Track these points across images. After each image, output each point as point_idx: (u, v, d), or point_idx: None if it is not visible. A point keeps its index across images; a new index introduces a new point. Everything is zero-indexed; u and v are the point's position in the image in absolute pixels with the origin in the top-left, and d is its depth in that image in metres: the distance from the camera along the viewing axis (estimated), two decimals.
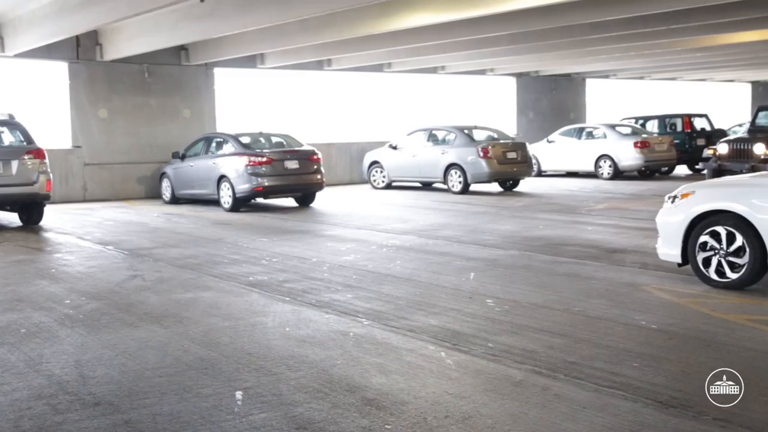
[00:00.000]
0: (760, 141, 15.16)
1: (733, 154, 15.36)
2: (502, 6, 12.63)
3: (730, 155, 15.38)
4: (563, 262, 8.49)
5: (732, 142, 15.71)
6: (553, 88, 27.51)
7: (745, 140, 15.66)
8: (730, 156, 15.35)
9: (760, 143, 15.05)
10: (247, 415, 4.03)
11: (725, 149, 15.56)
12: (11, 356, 5.15)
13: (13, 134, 12.80)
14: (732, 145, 15.52)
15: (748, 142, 15.39)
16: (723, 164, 15.43)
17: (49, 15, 13.85)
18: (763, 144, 15.00)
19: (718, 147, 15.73)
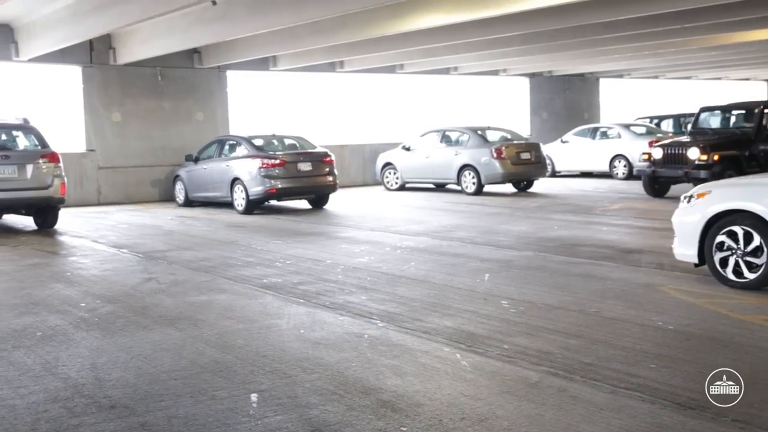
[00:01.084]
0: (694, 145, 14.16)
1: (667, 159, 14.54)
2: (514, 6, 12.60)
3: (665, 160, 14.58)
4: (578, 263, 8.44)
5: (666, 146, 14.78)
6: (567, 88, 27.42)
7: (679, 144, 14.69)
8: (665, 161, 14.57)
9: (694, 147, 14.06)
10: (263, 417, 4.03)
11: (659, 154, 14.70)
12: (28, 359, 5.17)
13: (27, 138, 12.88)
14: (666, 150, 14.62)
15: (683, 147, 14.42)
16: (657, 170, 14.72)
17: (62, 19, 13.94)
18: (698, 148, 14.00)
19: (652, 151, 14.95)
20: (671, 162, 14.45)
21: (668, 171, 14.53)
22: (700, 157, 13.83)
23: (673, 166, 14.42)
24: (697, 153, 13.91)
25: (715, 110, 16.17)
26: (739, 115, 15.54)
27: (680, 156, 14.31)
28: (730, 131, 15.13)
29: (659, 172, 14.72)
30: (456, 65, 22.97)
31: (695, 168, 13.84)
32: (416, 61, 20.99)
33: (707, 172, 13.48)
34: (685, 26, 15.68)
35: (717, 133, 15.18)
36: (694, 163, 13.88)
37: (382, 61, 20.17)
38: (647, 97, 30.13)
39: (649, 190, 15.13)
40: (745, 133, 14.55)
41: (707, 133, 15.15)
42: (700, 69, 27.74)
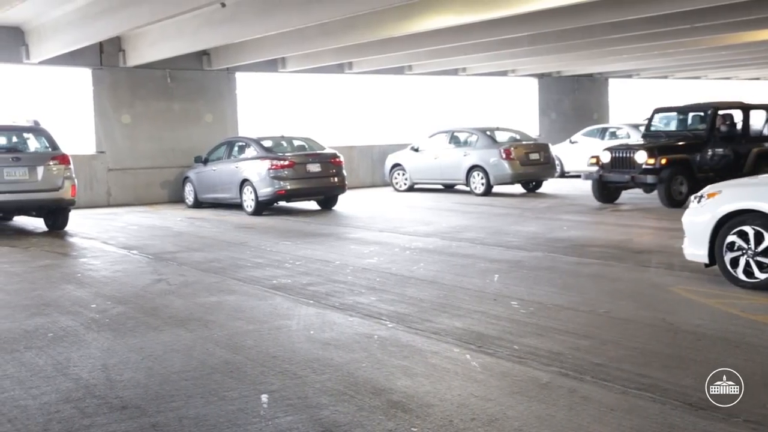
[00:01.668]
0: (642, 149, 13.56)
1: (615, 163, 13.84)
2: (522, 7, 12.58)
3: (612, 164, 13.87)
4: (588, 264, 8.43)
5: (614, 149, 14.12)
6: (576, 89, 27.36)
7: (627, 148, 14.06)
8: (613, 165, 13.87)
9: (641, 151, 13.44)
10: (273, 418, 4.03)
11: (607, 158, 13.98)
12: (39, 360, 5.19)
13: (38, 140, 12.94)
14: (614, 154, 13.93)
15: (630, 150, 13.74)
16: (604, 175, 14.03)
17: (72, 22, 14.00)
18: (645, 152, 13.36)
19: (600, 155, 14.21)
20: (619, 166, 13.78)
21: (615, 176, 13.85)
22: (647, 161, 13.20)
23: (620, 170, 13.74)
24: (644, 157, 13.30)
25: (670, 111, 15.60)
26: (694, 117, 14.88)
27: (628, 160, 13.64)
28: (683, 134, 14.46)
29: (606, 177, 14.04)
30: (464, 66, 22.95)
31: (642, 172, 13.28)
32: (425, 62, 20.98)
33: (654, 177, 13.11)
34: (694, 26, 15.61)
35: (669, 135, 14.55)
36: (641, 167, 13.28)
37: (390, 63, 20.18)
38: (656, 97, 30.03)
39: (598, 196, 14.41)
40: (698, 135, 14.00)
41: (660, 136, 14.54)
42: (709, 69, 27.63)
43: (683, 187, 13.27)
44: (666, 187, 13.13)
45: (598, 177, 14.17)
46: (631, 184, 13.75)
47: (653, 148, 13.43)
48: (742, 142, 14.06)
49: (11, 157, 12.12)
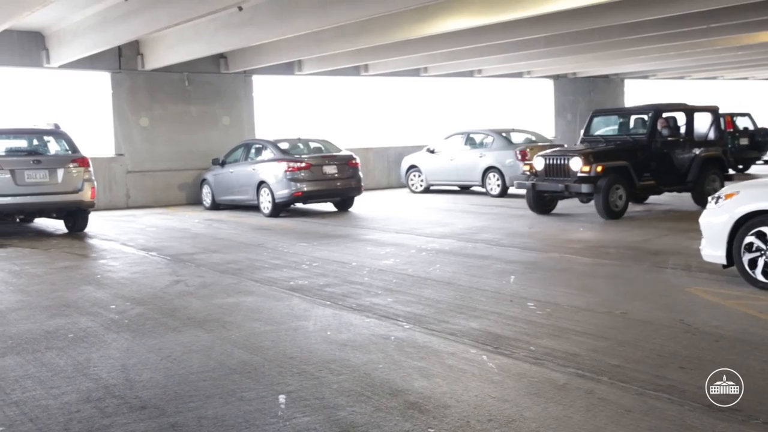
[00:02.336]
0: (577, 155, 12.35)
1: (549, 170, 12.75)
2: (538, 8, 12.57)
3: (547, 172, 12.78)
4: (604, 265, 8.41)
5: (548, 156, 12.94)
6: (591, 90, 27.26)
7: (562, 154, 12.87)
8: (547, 173, 12.77)
9: (576, 157, 12.27)
10: (291, 418, 4.06)
11: (541, 165, 12.89)
12: (60, 360, 5.25)
13: (58, 143, 13.09)
14: (548, 160, 12.80)
15: (565, 157, 12.59)
16: (538, 183, 12.92)
17: (92, 26, 14.14)
18: (580, 158, 12.20)
19: (534, 162, 13.10)
20: (553, 174, 12.68)
21: (549, 185, 12.73)
22: (583, 169, 12.08)
23: (555, 179, 12.64)
24: (579, 164, 12.16)
25: (609, 114, 14.71)
26: (635, 120, 13.78)
27: (562, 167, 12.51)
28: (622, 138, 13.38)
29: (540, 186, 12.91)
30: (480, 68, 22.93)
31: (577, 181, 12.17)
32: (440, 64, 20.99)
33: (590, 186, 12.05)
34: (711, 26, 15.51)
35: (608, 140, 13.50)
36: (576, 175, 12.19)
37: (406, 65, 20.21)
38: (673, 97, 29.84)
39: (533, 206, 13.31)
40: (638, 140, 12.98)
41: (599, 141, 13.51)
42: (726, 69, 27.44)
43: (621, 197, 12.26)
44: (604, 198, 12.02)
45: (531, 186, 13.10)
46: (566, 193, 12.64)
47: (589, 155, 12.28)
48: (686, 146, 13.25)
49: (32, 160, 12.27)
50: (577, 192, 12.35)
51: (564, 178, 12.42)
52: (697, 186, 13.20)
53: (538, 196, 13.11)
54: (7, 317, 6.62)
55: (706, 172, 13.21)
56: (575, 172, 12.19)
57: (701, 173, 13.15)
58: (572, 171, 12.26)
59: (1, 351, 5.52)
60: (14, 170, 11.98)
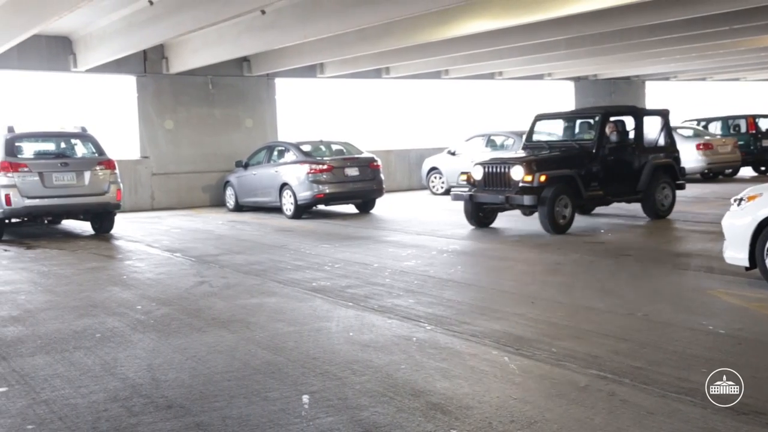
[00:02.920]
0: (519, 163, 11.25)
1: (488, 180, 11.61)
2: (559, 11, 12.57)
3: (486, 182, 11.64)
4: (626, 267, 8.38)
5: (487, 164, 11.79)
6: (612, 92, 27.12)
7: (502, 162, 11.65)
8: (486, 183, 11.64)
9: (518, 166, 11.16)
10: (314, 418, 4.09)
11: (479, 174, 11.75)
12: (88, 360, 5.33)
13: (85, 146, 13.29)
14: (487, 169, 11.65)
15: (505, 165, 11.43)
16: (476, 194, 11.76)
17: (118, 30, 14.33)
18: (522, 167, 11.08)
19: (472, 171, 11.97)
20: (493, 184, 11.54)
21: (489, 196, 11.57)
22: (524, 178, 10.98)
23: (494, 189, 11.50)
24: (520, 173, 11.06)
25: (553, 118, 13.44)
26: (581, 125, 12.66)
27: (502, 176, 11.39)
28: (567, 145, 12.23)
29: (478, 197, 11.74)
30: (501, 70, 22.92)
31: (519, 192, 11.00)
32: (461, 67, 21.01)
33: (532, 197, 10.88)
34: (734, 27, 15.41)
35: (552, 146, 12.35)
36: (518, 185, 11.07)
37: (427, 67, 20.24)
38: (694, 99, 29.60)
39: (471, 219, 12.15)
40: (585, 146, 11.82)
41: (542, 147, 12.35)
42: (748, 70, 27.18)
43: (567, 209, 11.17)
44: (549, 210, 10.93)
45: (469, 197, 11.91)
46: (507, 205, 11.51)
47: (531, 163, 11.22)
48: (636, 152, 12.16)
49: (60, 162, 12.47)
50: (518, 204, 11.21)
51: (504, 188, 11.29)
52: (648, 195, 12.19)
53: (477, 208, 12.00)
54: (37, 317, 6.74)
55: (657, 180, 12.21)
56: (516, 182, 11.07)
57: (652, 182, 12.14)
58: (513, 181, 11.14)
59: (31, 350, 5.62)
60: (42, 173, 12.17)
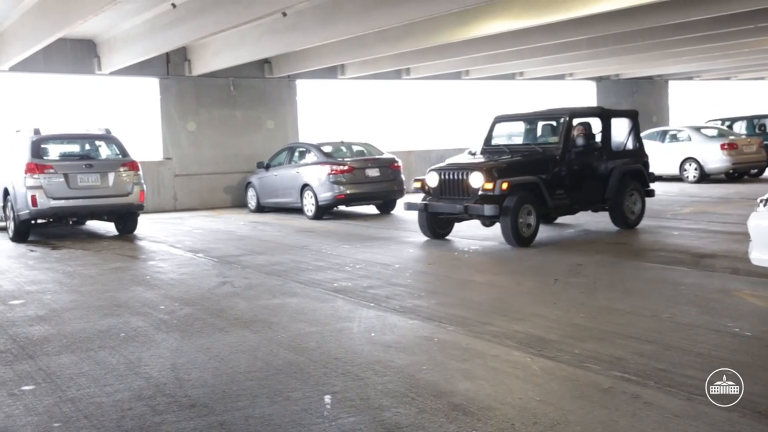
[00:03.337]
0: (478, 169, 10.30)
1: (445, 188, 10.69)
2: (581, 10, 12.50)
3: (442, 190, 10.71)
4: (649, 268, 8.32)
5: (444, 170, 10.85)
6: (635, 91, 26.93)
7: (460, 168, 10.69)
8: (442, 191, 10.70)
9: (477, 172, 10.23)
10: (336, 418, 4.10)
11: (435, 181, 10.81)
12: (112, 359, 5.38)
13: (109, 148, 13.42)
14: (444, 175, 10.72)
15: (464, 171, 10.50)
16: (431, 204, 10.79)
17: (141, 33, 14.46)
18: (482, 174, 10.16)
19: (426, 178, 11.00)
20: (450, 192, 10.61)
21: (445, 205, 10.58)
22: (485, 186, 10.06)
23: (452, 198, 10.56)
24: (480, 180, 10.15)
25: (514, 120, 12.36)
26: (544, 127, 11.63)
27: (460, 184, 10.48)
28: (530, 149, 11.16)
29: (434, 207, 10.76)
30: (521, 70, 22.85)
31: (479, 201, 10.08)
32: (482, 67, 20.97)
33: (494, 207, 9.91)
34: (759, 26, 15.23)
35: (514, 151, 11.22)
36: (477, 192, 10.17)
37: (447, 68, 20.22)
38: (718, 98, 29.31)
39: (426, 230, 11.16)
40: (549, 150, 10.84)
41: (502, 152, 11.24)
42: None
43: (531, 218, 10.21)
44: (512, 221, 9.99)
45: (423, 207, 10.94)
46: (465, 215, 10.56)
47: (492, 169, 10.25)
48: (603, 157, 11.21)
49: (84, 164, 12.60)
50: (478, 214, 10.28)
51: (463, 197, 10.39)
52: (617, 204, 11.24)
53: (433, 218, 11.04)
54: (62, 316, 6.82)
55: (625, 187, 11.27)
56: (476, 190, 10.18)
57: (620, 189, 11.20)
58: (472, 188, 10.24)
59: (57, 349, 5.69)
60: (68, 174, 12.31)
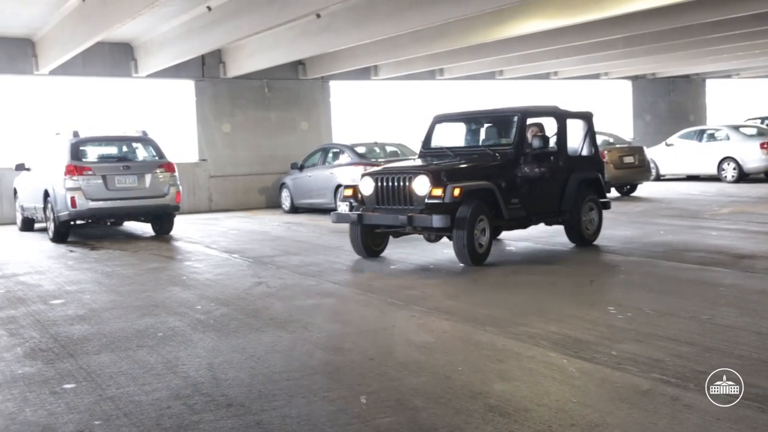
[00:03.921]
0: (424, 173, 8.79)
1: (382, 195, 9.14)
2: (617, 8, 12.38)
3: (379, 198, 9.17)
4: (687, 269, 8.20)
5: (380, 176, 9.28)
6: (671, 90, 26.59)
7: (399, 172, 9.13)
8: (379, 199, 9.17)
9: (422, 176, 8.72)
10: (372, 419, 4.10)
11: (369, 188, 9.30)
12: (151, 358, 5.44)
13: (146, 150, 13.61)
14: (381, 182, 9.17)
15: (405, 176, 8.92)
16: (366, 215, 9.19)
17: (178, 36, 14.64)
18: (428, 177, 8.66)
19: (360, 184, 9.49)
20: (389, 201, 9.05)
21: (383, 216, 9.03)
22: (432, 192, 8.53)
23: (391, 207, 9.02)
24: (425, 186, 8.63)
25: (457, 119, 10.99)
26: (491, 129, 10.35)
27: (402, 191, 8.89)
28: (480, 151, 9.79)
29: (369, 219, 9.16)
30: (556, 70, 22.70)
31: (427, 210, 8.55)
32: (516, 67, 20.86)
33: (444, 218, 8.31)
34: None
35: (460, 154, 9.85)
36: (424, 200, 8.65)
37: (481, 68, 20.16)
38: (758, 97, 28.80)
39: (360, 247, 9.63)
40: (502, 153, 9.41)
41: (445, 155, 9.91)
42: None
43: (484, 235, 8.79)
44: (468, 234, 8.52)
45: (357, 219, 9.25)
46: (408, 228, 8.97)
47: (440, 172, 8.77)
48: (559, 163, 9.89)
49: (122, 165, 12.80)
50: (425, 226, 8.64)
51: (405, 206, 8.85)
52: (574, 216, 9.91)
53: (368, 232, 9.54)
54: (102, 316, 6.93)
55: (583, 197, 9.98)
56: (421, 198, 8.71)
57: (578, 199, 9.90)
58: (417, 196, 8.75)
59: (97, 348, 5.77)
60: (106, 176, 12.50)
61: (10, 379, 5.03)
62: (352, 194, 9.58)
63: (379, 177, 9.28)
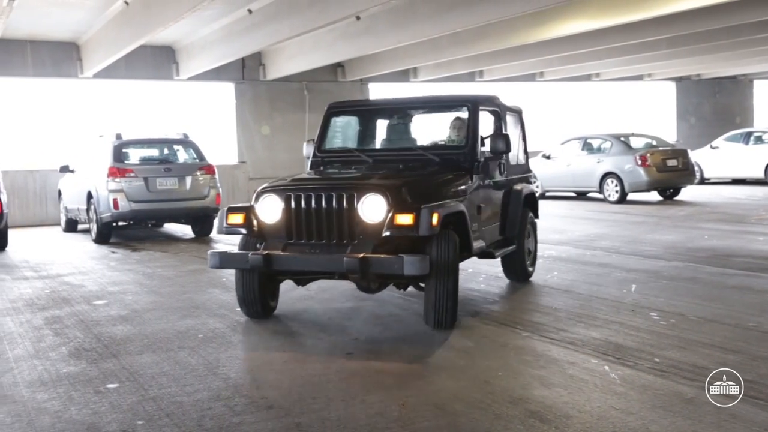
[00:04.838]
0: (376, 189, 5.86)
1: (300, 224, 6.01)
2: (661, 9, 12.20)
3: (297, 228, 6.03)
4: (733, 275, 8.04)
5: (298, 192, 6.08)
6: (717, 92, 26.11)
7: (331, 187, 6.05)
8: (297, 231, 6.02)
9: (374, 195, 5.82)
10: (411, 423, 4.09)
11: (276, 212, 6.13)
12: (192, 360, 5.50)
13: (187, 152, 13.78)
14: (297, 202, 6.03)
15: (342, 192, 5.89)
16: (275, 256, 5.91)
17: (218, 39, 14.81)
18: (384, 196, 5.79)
19: (256, 207, 6.20)
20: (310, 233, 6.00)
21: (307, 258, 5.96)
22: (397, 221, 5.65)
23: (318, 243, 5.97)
24: (381, 209, 5.77)
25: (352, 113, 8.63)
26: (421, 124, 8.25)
27: (336, 217, 5.91)
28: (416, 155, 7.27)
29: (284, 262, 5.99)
30: (598, 71, 22.44)
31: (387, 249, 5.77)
32: (557, 69, 20.69)
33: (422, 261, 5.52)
34: None
35: (384, 160, 7.27)
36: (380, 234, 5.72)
37: (522, 69, 20.03)
38: None
39: (255, 302, 6.55)
40: (451, 158, 7.03)
41: (359, 160, 7.34)
42: None
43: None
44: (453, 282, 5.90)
45: (262, 261, 5.94)
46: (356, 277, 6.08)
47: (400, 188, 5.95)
48: (503, 173, 7.55)
49: (163, 168, 12.97)
50: (390, 273, 5.70)
51: (339, 242, 5.91)
52: (520, 243, 7.71)
53: (268, 282, 6.53)
54: (143, 317, 7.02)
55: (525, 218, 7.81)
56: (373, 227, 5.80)
57: (522, 222, 7.72)
58: (364, 224, 5.83)
59: (139, 349, 5.85)
60: (147, 178, 12.69)
61: (55, 377, 5.12)
62: (243, 222, 6.25)
63: (295, 194, 6.05)
